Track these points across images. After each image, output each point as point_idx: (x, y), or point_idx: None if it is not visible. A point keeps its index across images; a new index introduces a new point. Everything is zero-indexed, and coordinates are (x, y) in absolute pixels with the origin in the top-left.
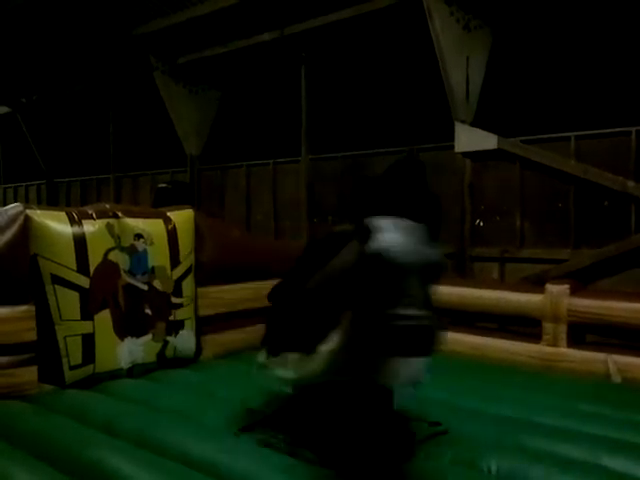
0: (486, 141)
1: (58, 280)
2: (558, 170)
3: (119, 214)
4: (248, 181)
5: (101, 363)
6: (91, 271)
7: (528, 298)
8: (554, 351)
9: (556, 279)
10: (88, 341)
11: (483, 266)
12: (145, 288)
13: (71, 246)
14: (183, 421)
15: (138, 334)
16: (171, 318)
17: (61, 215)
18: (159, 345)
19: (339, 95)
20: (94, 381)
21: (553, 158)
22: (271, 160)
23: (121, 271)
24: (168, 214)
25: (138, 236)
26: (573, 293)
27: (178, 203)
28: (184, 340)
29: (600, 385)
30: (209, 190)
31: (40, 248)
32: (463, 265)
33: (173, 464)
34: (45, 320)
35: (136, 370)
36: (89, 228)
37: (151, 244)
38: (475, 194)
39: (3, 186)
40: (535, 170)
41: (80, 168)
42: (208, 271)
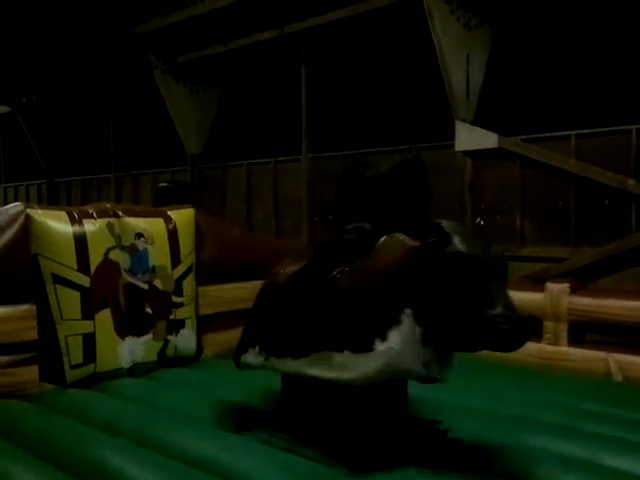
0: (486, 140)
1: (59, 279)
2: (558, 169)
3: (120, 213)
4: (249, 180)
5: (102, 362)
6: (92, 270)
7: (529, 297)
8: (555, 350)
9: (556, 278)
10: (89, 340)
11: None
12: (146, 287)
13: (72, 245)
14: (184, 420)
15: (139, 333)
16: (172, 317)
17: (62, 214)
18: (160, 344)
19: (339, 94)
20: (95, 380)
21: (553, 157)
22: (272, 159)
23: (122, 270)
24: (169, 213)
25: (139, 235)
26: (573, 292)
27: (179, 202)
28: (185, 339)
29: (601, 384)
30: (210, 189)
31: (41, 247)
32: None
33: (174, 462)
34: (46, 319)
35: (137, 369)
36: (90, 227)
37: (152, 243)
38: (475, 193)
39: (4, 185)
40: (535, 169)
41: (81, 167)
42: (209, 270)
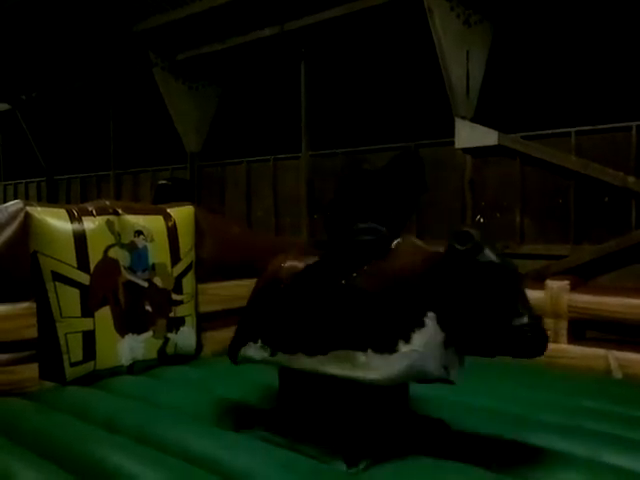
0: (486, 137)
1: (58, 277)
2: (559, 166)
3: (119, 211)
4: (248, 177)
5: (102, 360)
6: (91, 268)
7: (528, 294)
8: (555, 347)
9: (556, 275)
10: (89, 338)
11: None
12: (145, 285)
13: (71, 243)
14: (184, 417)
15: (139, 331)
16: (172, 315)
17: (61, 212)
18: (160, 342)
19: (339, 91)
20: (95, 378)
21: (554, 154)
22: (271, 156)
23: (121, 268)
24: (168, 211)
25: (138, 233)
26: (573, 289)
27: (178, 200)
28: (185, 337)
29: (601, 381)
30: (209, 186)
31: (40, 245)
32: None
33: (174, 460)
34: (46, 317)
35: (137, 367)
36: (89, 225)
37: (151, 241)
38: (475, 190)
39: (3, 183)
40: (536, 166)
41: (80, 165)
42: (208, 267)
